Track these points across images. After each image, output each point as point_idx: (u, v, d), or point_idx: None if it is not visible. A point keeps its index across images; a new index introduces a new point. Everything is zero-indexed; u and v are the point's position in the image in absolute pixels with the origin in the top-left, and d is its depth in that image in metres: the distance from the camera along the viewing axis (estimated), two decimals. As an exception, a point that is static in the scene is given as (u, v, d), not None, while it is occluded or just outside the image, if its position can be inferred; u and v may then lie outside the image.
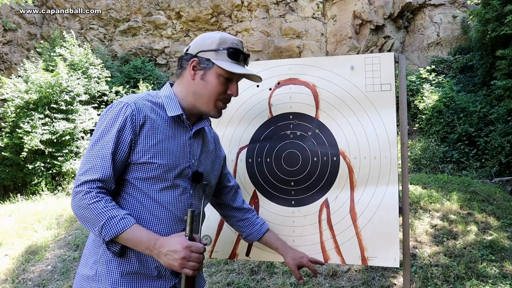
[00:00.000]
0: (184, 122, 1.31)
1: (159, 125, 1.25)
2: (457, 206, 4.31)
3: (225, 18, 11.34)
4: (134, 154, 1.21)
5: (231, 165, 1.76)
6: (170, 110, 1.28)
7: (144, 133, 1.21)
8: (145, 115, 1.22)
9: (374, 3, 10.57)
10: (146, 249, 1.15)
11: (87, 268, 1.23)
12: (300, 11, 10.79)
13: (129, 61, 11.43)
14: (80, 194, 1.13)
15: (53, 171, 7.92)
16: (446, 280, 3.08)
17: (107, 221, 1.12)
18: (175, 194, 1.26)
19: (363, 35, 10.65)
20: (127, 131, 1.19)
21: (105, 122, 1.21)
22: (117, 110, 1.21)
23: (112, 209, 1.14)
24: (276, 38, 10.89)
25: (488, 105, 7.42)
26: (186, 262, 1.13)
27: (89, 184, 1.14)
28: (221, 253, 1.76)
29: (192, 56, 1.30)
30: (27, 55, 11.06)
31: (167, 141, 1.25)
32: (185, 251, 1.13)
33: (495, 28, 7.26)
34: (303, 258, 1.55)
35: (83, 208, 1.13)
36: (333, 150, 1.66)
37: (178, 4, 11.34)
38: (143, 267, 1.21)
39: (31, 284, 3.75)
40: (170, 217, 1.25)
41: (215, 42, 1.29)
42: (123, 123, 1.19)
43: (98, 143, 1.19)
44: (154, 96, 1.30)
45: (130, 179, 1.22)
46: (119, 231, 1.13)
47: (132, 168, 1.22)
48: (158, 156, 1.22)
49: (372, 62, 1.64)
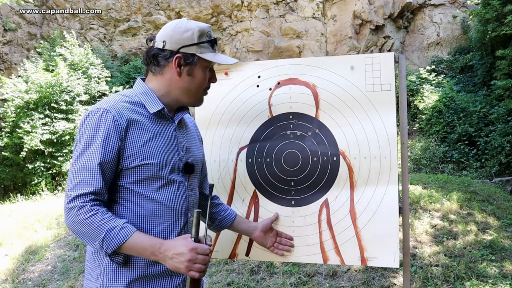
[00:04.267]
0: (166, 115, 1.29)
1: (144, 125, 1.22)
2: (457, 206, 4.31)
3: (225, 18, 11.34)
4: (124, 159, 1.18)
5: (231, 165, 1.76)
6: (151, 106, 1.25)
7: (130, 137, 1.18)
8: (128, 118, 1.19)
9: (374, 3, 10.57)
10: (151, 254, 1.13)
11: (92, 280, 1.21)
12: (300, 11, 10.79)
13: (129, 61, 11.44)
14: (74, 210, 1.10)
15: (53, 171, 7.92)
16: (446, 280, 3.08)
17: (107, 234, 1.09)
18: (172, 189, 1.25)
19: (363, 35, 10.65)
20: (113, 139, 1.15)
21: (87, 132, 1.16)
22: (97, 118, 1.16)
23: (110, 221, 1.11)
24: (276, 38, 10.89)
25: (488, 105, 7.42)
26: (192, 264, 1.12)
27: (81, 198, 1.11)
28: (221, 253, 1.75)
29: (174, 53, 1.25)
30: (27, 55, 11.06)
31: (154, 139, 1.23)
32: (191, 254, 1.12)
33: (495, 28, 7.26)
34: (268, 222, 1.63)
35: (79, 224, 1.10)
36: (333, 150, 1.66)
37: (178, 4, 11.34)
38: (152, 269, 1.20)
39: (31, 284, 3.75)
40: (172, 213, 1.25)
41: (195, 35, 1.25)
42: (107, 131, 1.15)
43: (83, 156, 1.15)
44: (130, 96, 1.27)
45: (125, 185, 1.20)
46: (121, 241, 1.10)
47: (125, 173, 1.19)
48: (149, 156, 1.20)
49: (372, 62, 1.64)
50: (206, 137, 1.78)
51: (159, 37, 1.27)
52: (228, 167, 1.76)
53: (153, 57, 1.28)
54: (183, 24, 1.27)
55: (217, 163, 1.77)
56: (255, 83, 1.75)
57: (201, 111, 1.80)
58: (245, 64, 1.78)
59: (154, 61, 1.28)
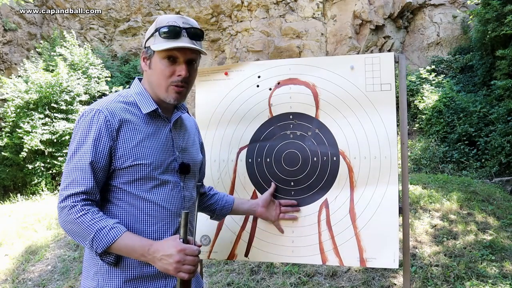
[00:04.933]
0: (161, 116, 1.28)
1: (137, 125, 1.22)
2: (457, 206, 4.31)
3: (225, 18, 11.34)
4: (116, 160, 1.18)
5: (231, 165, 1.76)
6: (144, 107, 1.25)
7: (122, 137, 1.19)
8: (120, 118, 1.19)
9: (374, 3, 10.57)
10: (140, 256, 1.13)
11: (89, 279, 1.22)
12: (300, 11, 10.79)
13: (129, 61, 11.44)
14: (66, 209, 1.11)
15: (53, 171, 7.92)
16: (446, 280, 3.08)
17: (97, 233, 1.10)
18: (166, 190, 1.25)
19: (363, 35, 10.64)
20: (104, 139, 1.16)
21: (79, 133, 1.17)
22: (89, 118, 1.17)
23: (100, 220, 1.11)
24: (276, 38, 10.88)
25: (488, 105, 7.42)
26: (181, 265, 1.11)
27: (72, 198, 1.12)
28: (220, 254, 1.75)
29: (143, 49, 1.29)
30: (27, 55, 11.06)
31: (147, 140, 1.23)
32: (179, 255, 1.11)
33: (495, 28, 7.26)
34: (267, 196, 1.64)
35: (70, 223, 1.11)
36: (333, 150, 1.66)
37: (178, 4, 11.35)
38: (146, 269, 1.20)
39: (31, 284, 3.75)
40: (166, 214, 1.25)
41: (152, 28, 1.25)
42: (98, 131, 1.16)
43: (76, 156, 1.16)
44: (125, 96, 1.27)
45: (118, 185, 1.20)
46: (110, 241, 1.11)
47: (118, 173, 1.20)
48: (141, 157, 1.20)
49: (372, 62, 1.64)
50: (206, 137, 1.77)
51: None
52: (228, 167, 1.76)
53: None
54: (156, 19, 1.29)
55: (217, 163, 1.77)
56: (255, 83, 1.75)
57: (201, 111, 1.80)
58: (245, 64, 1.78)
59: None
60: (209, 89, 1.81)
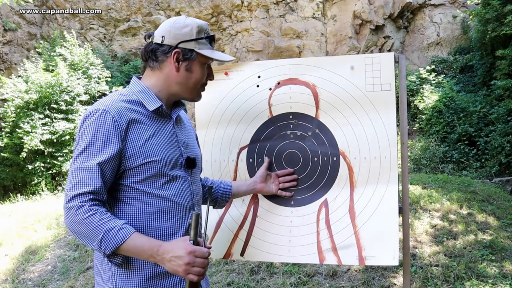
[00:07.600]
0: (164, 112, 1.29)
1: (143, 123, 1.22)
2: (457, 206, 4.31)
3: (225, 18, 11.34)
4: (127, 160, 1.18)
5: (232, 165, 1.77)
6: (149, 104, 1.25)
7: (130, 137, 1.18)
8: (127, 117, 1.19)
9: (374, 3, 10.57)
10: (149, 256, 1.13)
11: (104, 283, 1.21)
12: (300, 11, 10.79)
13: (129, 61, 11.44)
14: (73, 209, 1.09)
15: (53, 171, 7.92)
16: (446, 280, 3.08)
17: (105, 234, 1.08)
18: (176, 185, 1.26)
19: (363, 35, 10.64)
20: (113, 139, 1.15)
21: (86, 133, 1.16)
22: (96, 118, 1.16)
23: (108, 221, 1.10)
24: (276, 38, 10.88)
25: (488, 105, 7.42)
26: (190, 267, 1.10)
27: (80, 197, 1.10)
28: (215, 253, 1.75)
29: (172, 48, 1.25)
30: (27, 55, 11.06)
31: (154, 137, 1.23)
32: (189, 257, 1.10)
33: (495, 28, 7.26)
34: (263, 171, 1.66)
35: (77, 224, 1.09)
36: (333, 150, 1.66)
37: (178, 4, 11.35)
38: (161, 267, 1.19)
39: (31, 284, 3.75)
40: (179, 209, 1.26)
41: (194, 31, 1.26)
42: (107, 132, 1.15)
43: (83, 156, 1.14)
44: (127, 95, 1.26)
45: (130, 184, 1.20)
46: (119, 242, 1.09)
47: (129, 173, 1.19)
48: (151, 154, 1.20)
49: (372, 62, 1.64)
50: (206, 137, 1.78)
51: (157, 33, 1.28)
52: (229, 167, 1.76)
53: (152, 52, 1.28)
54: (181, 20, 1.28)
55: (218, 163, 1.78)
56: (255, 83, 1.75)
57: (201, 111, 1.80)
58: (245, 64, 1.78)
59: (152, 56, 1.28)
60: (209, 89, 1.81)
